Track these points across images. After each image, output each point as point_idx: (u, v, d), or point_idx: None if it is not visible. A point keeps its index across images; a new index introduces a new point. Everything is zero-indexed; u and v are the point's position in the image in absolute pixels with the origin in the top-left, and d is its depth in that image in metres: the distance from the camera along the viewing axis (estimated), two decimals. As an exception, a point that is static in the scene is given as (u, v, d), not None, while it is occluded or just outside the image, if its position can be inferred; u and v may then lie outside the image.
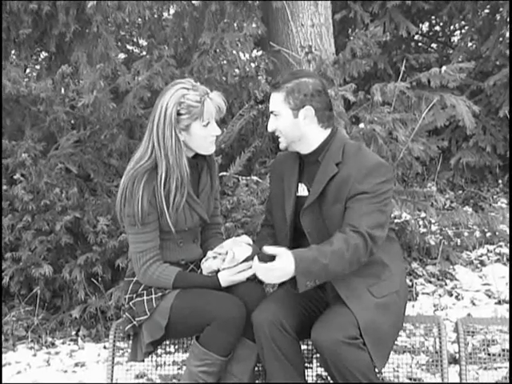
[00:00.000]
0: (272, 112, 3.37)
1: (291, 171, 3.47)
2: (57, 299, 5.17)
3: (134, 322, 3.44)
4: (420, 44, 9.05)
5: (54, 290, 5.14)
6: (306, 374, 3.49)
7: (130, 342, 3.56)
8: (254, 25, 5.65)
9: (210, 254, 3.43)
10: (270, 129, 3.40)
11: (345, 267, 3.19)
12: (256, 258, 3.21)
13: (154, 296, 3.41)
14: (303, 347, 3.68)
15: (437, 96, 5.43)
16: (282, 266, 3.11)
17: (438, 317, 3.68)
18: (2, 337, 4.89)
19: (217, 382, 3.42)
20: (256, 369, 3.55)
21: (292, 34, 6.21)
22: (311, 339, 3.23)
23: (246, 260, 3.39)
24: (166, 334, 3.40)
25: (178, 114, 3.31)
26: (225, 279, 3.39)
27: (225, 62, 5.54)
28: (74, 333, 5.01)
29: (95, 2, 4.96)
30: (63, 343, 4.93)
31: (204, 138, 3.38)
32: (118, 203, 3.38)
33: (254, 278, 3.40)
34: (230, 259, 3.36)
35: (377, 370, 3.24)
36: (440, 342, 3.59)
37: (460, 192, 7.54)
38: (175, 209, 3.36)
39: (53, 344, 4.90)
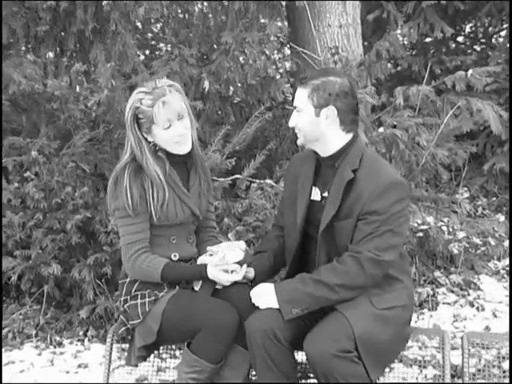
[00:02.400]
0: (295, 107, 3.30)
1: (307, 173, 3.40)
2: (68, 298, 5.16)
3: (128, 325, 3.42)
4: (461, 45, 8.82)
5: (67, 289, 5.13)
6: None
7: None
8: (277, 24, 5.52)
9: (208, 248, 3.44)
10: (290, 124, 3.34)
11: (337, 293, 3.17)
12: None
13: (147, 300, 3.38)
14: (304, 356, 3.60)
15: (461, 100, 5.25)
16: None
17: (442, 330, 3.57)
18: (10, 335, 4.90)
19: (208, 386, 3.38)
20: (254, 376, 3.49)
21: (318, 35, 6.07)
22: (303, 350, 3.15)
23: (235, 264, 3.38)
24: (158, 339, 3.37)
25: (138, 118, 3.35)
26: (212, 273, 3.36)
27: (245, 62, 5.44)
28: (81, 333, 4.99)
29: (111, 1, 4.92)
30: (71, 343, 4.91)
31: (168, 140, 3.36)
32: (108, 199, 3.40)
33: (247, 283, 3.38)
34: (220, 259, 3.35)
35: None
36: (443, 356, 3.49)
37: (493, 199, 7.33)
38: (160, 204, 3.36)
39: (60, 344, 4.88)
